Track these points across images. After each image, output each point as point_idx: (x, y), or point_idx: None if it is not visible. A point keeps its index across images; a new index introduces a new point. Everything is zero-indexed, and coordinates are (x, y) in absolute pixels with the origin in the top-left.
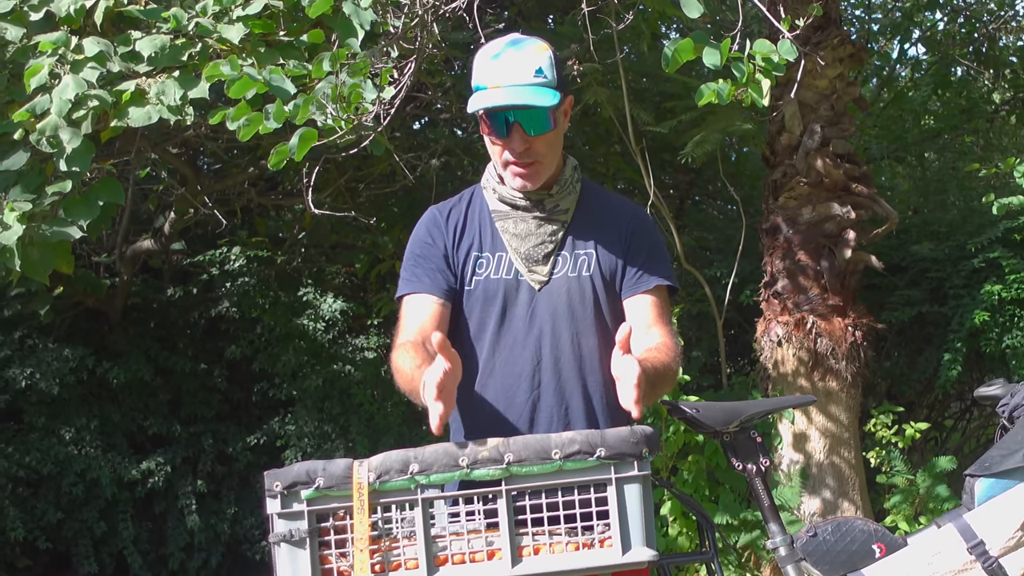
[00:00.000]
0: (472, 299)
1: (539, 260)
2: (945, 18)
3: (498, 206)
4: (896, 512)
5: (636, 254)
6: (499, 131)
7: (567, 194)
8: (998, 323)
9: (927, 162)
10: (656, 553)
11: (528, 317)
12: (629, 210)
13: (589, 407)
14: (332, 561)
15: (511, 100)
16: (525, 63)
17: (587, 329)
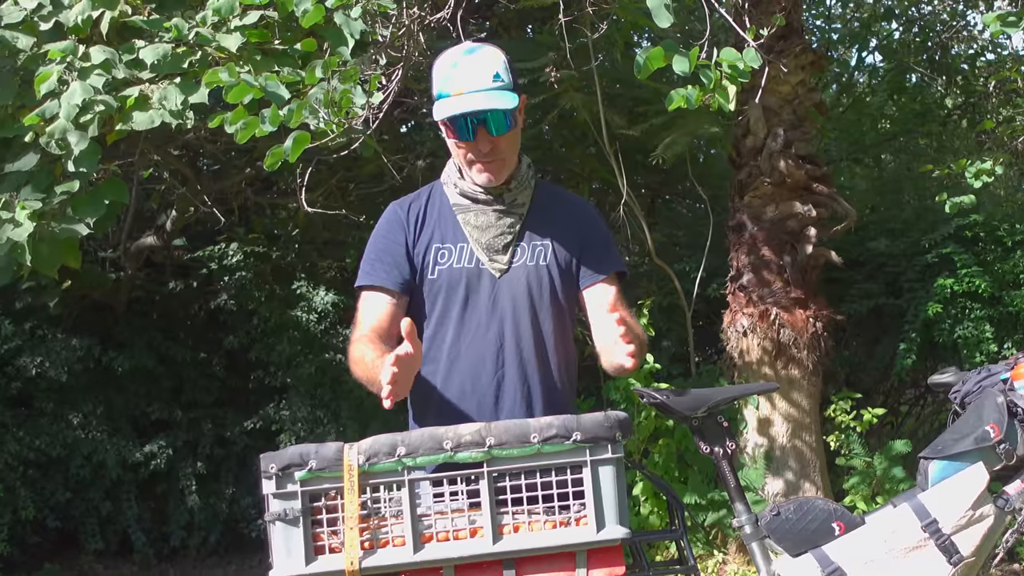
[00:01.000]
0: (435, 287)
1: (499, 250)
2: (900, 28)
3: (459, 200)
4: (854, 492)
5: (591, 246)
6: (464, 134)
7: (523, 189)
8: (950, 315)
9: (884, 163)
10: (628, 531)
11: (491, 303)
12: (581, 205)
13: (549, 384)
14: (324, 538)
15: (477, 106)
16: (483, 69)
17: (545, 314)
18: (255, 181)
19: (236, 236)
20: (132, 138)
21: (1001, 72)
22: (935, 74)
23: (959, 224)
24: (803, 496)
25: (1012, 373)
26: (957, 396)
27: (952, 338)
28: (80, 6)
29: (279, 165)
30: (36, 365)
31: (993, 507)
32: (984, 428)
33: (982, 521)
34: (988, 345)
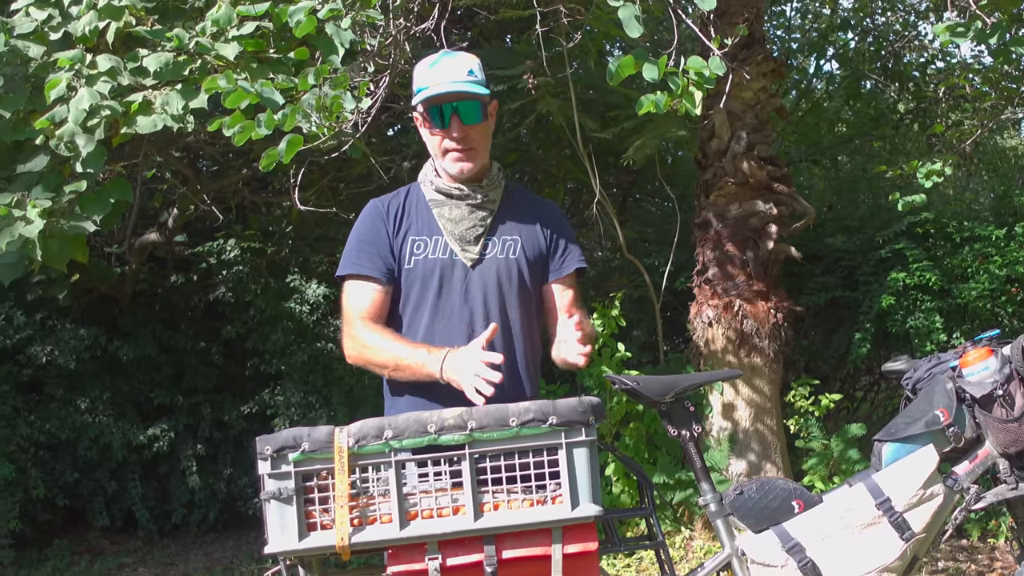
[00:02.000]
0: (412, 276)
1: (471, 241)
2: (856, 37)
3: (434, 196)
4: (813, 473)
5: (557, 243)
6: (439, 122)
7: (494, 187)
8: (903, 306)
9: (840, 164)
10: (601, 509)
11: (463, 291)
12: (549, 206)
13: (514, 369)
14: (316, 516)
15: (451, 89)
16: (459, 66)
17: (513, 303)
18: (251, 181)
19: (233, 232)
20: (136, 141)
21: (950, 79)
22: (888, 81)
23: (911, 221)
24: (765, 476)
25: (960, 361)
26: (909, 382)
27: (904, 328)
28: (87, 17)
29: (274, 166)
30: (46, 353)
31: (943, 486)
32: (934, 412)
33: (932, 499)
34: (938, 335)
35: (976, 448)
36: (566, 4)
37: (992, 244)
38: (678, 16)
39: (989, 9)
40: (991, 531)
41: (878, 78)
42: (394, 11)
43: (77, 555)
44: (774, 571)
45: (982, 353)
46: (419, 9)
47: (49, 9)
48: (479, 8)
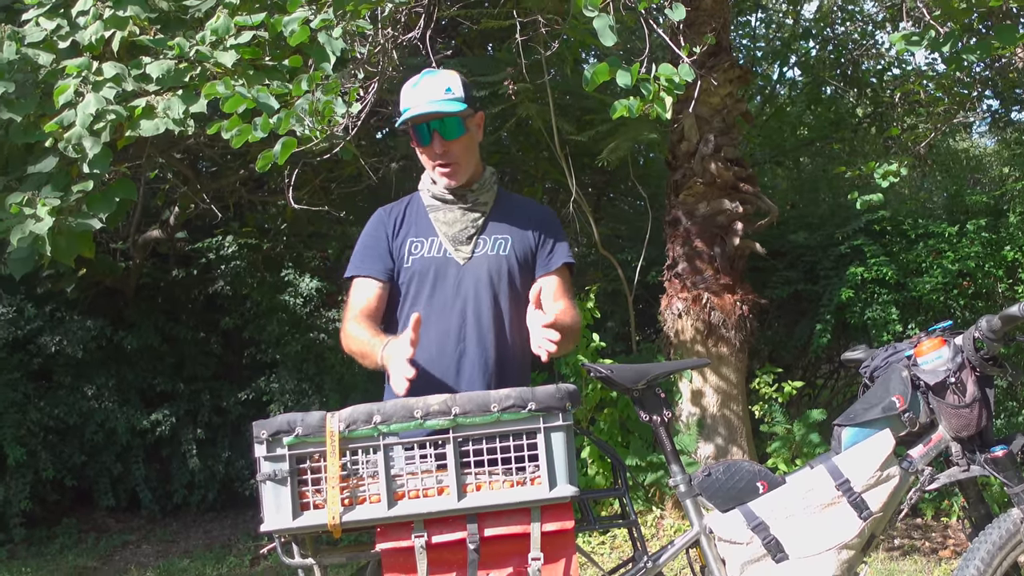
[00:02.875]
0: (410, 273)
1: (463, 241)
2: (817, 46)
3: (431, 201)
4: (776, 455)
5: (546, 241)
6: (422, 139)
7: (486, 191)
8: (861, 299)
9: (802, 165)
10: (577, 489)
11: (456, 286)
12: (539, 207)
13: (504, 358)
14: (309, 496)
15: (428, 110)
16: (437, 85)
17: (503, 297)
18: (248, 181)
19: (231, 229)
20: (140, 143)
21: (906, 85)
22: (847, 87)
23: (869, 219)
24: (731, 459)
25: (915, 351)
26: (867, 371)
27: (862, 320)
28: (94, 27)
29: (269, 167)
30: (55, 343)
31: (898, 468)
32: (890, 399)
33: (889, 481)
34: (894, 326)
35: (930, 432)
36: (544, 15)
37: (945, 240)
38: (650, 26)
39: (942, 19)
40: (944, 511)
41: (838, 84)
42: (382, 21)
43: (84, 533)
44: (740, 548)
45: (935, 343)
46: (406, 19)
47: (58, 19)
48: (462, 18)
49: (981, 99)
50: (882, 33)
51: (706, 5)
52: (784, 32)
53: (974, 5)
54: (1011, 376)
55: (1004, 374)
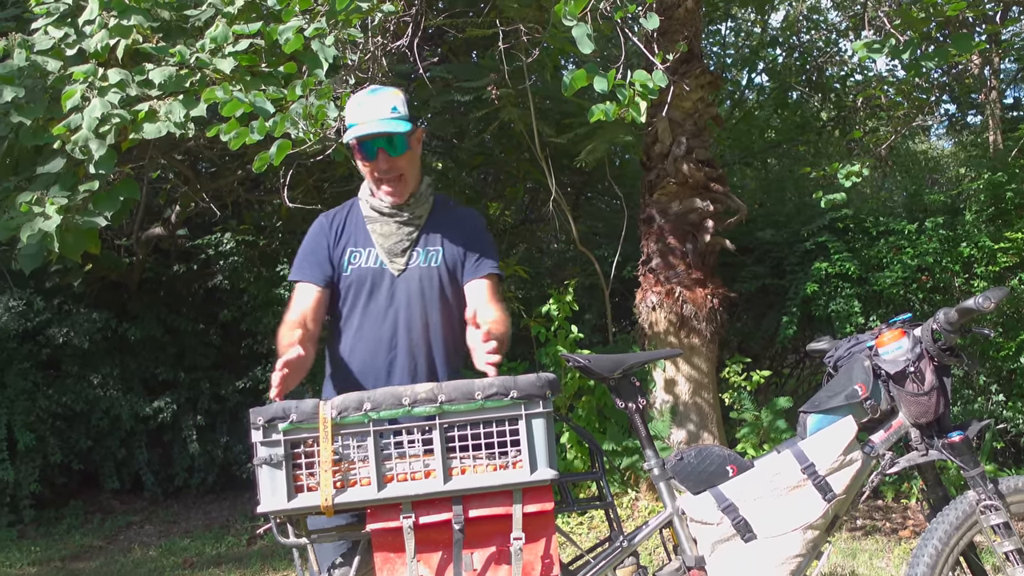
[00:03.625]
0: (348, 282)
1: (398, 253)
2: (783, 53)
3: (369, 213)
4: (745, 441)
5: (474, 250)
6: (369, 155)
7: (421, 204)
8: (825, 292)
9: (769, 166)
10: (557, 473)
11: (389, 296)
12: (470, 216)
13: (431, 365)
14: (303, 479)
15: (375, 129)
16: (383, 104)
17: (434, 306)
18: (245, 181)
19: (230, 227)
20: (143, 145)
21: (867, 90)
22: (812, 92)
23: (832, 217)
24: (702, 444)
25: (876, 341)
26: (831, 360)
27: (827, 312)
28: (100, 35)
29: (265, 167)
30: (63, 335)
31: (861, 453)
32: (853, 387)
33: (851, 465)
34: (857, 318)
35: (890, 419)
36: (526, 24)
37: (905, 237)
38: (625, 34)
39: (902, 28)
40: (904, 493)
41: (803, 89)
42: (372, 30)
43: (90, 514)
44: (711, 528)
45: (896, 334)
46: (395, 28)
47: (65, 28)
48: (448, 27)
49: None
50: (845, 41)
51: (678, 15)
52: (752, 40)
53: (932, 15)
54: (967, 366)
55: (960, 364)
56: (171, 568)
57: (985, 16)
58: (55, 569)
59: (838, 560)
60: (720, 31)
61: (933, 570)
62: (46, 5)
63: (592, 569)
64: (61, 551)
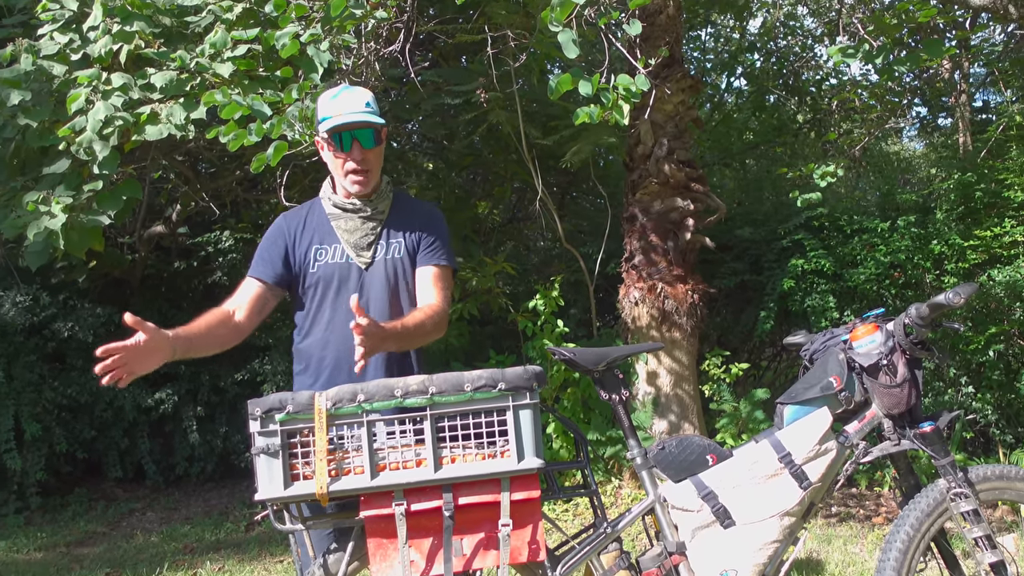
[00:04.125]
0: (315, 278)
1: (364, 247)
2: (761, 58)
3: (332, 210)
4: (724, 431)
5: (428, 240)
6: (342, 146)
7: (383, 199)
8: (801, 288)
9: (748, 167)
10: (543, 462)
11: (358, 290)
12: (428, 210)
13: (405, 353)
14: (299, 468)
15: (353, 119)
16: (358, 99)
17: (403, 296)
18: (244, 181)
19: (228, 225)
20: (145, 146)
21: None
22: (789, 95)
23: (808, 216)
24: (683, 434)
25: (851, 336)
26: (807, 353)
27: (803, 307)
28: (103, 41)
29: (263, 168)
30: (68, 329)
31: (835, 443)
32: (828, 379)
33: (827, 454)
34: (831, 313)
35: (864, 410)
36: (513, 30)
37: (878, 235)
38: (609, 40)
39: (875, 34)
40: (877, 481)
41: (780, 93)
42: (366, 36)
43: (94, 501)
44: (691, 515)
45: (869, 328)
46: (387, 34)
47: (70, 34)
48: (439, 33)
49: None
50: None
51: (660, 21)
52: (731, 45)
53: (904, 21)
54: (938, 359)
55: (931, 357)
56: (172, 553)
57: (955, 22)
58: (60, 554)
59: (814, 546)
60: (700, 37)
61: (905, 555)
62: (52, 12)
63: (577, 554)
64: (66, 537)
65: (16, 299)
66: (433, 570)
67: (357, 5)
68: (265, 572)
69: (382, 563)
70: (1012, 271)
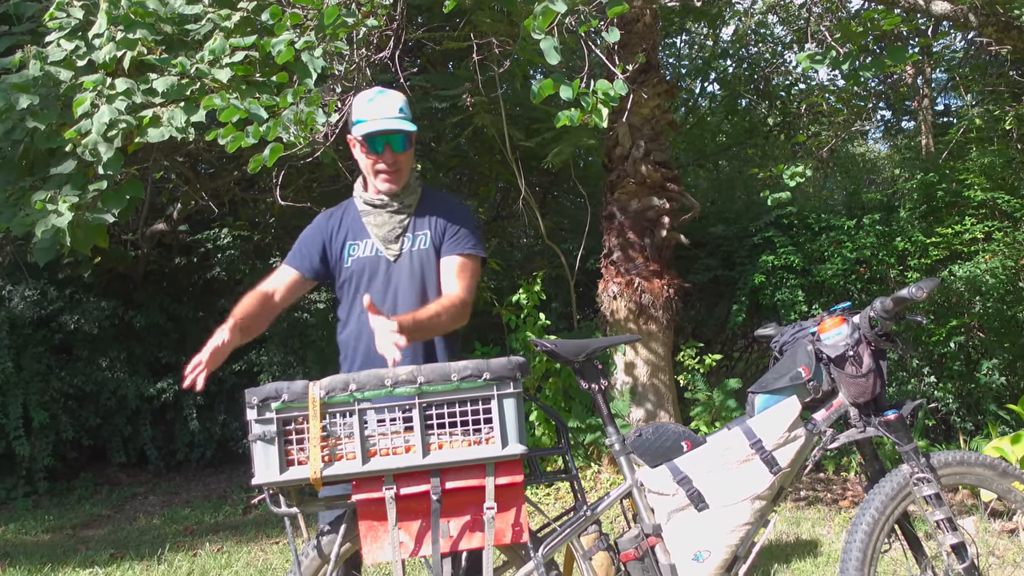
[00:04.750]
0: (349, 272)
1: (392, 240)
2: (733, 64)
3: (363, 207)
4: (698, 418)
5: (452, 229)
6: (374, 149)
7: (411, 194)
8: (771, 283)
9: (720, 167)
10: (526, 448)
11: (386, 280)
12: (454, 204)
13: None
14: (294, 454)
15: (389, 126)
16: (391, 104)
17: (429, 285)
18: (241, 181)
19: (227, 223)
20: (147, 148)
21: (810, 98)
22: (760, 99)
23: (778, 214)
24: (659, 421)
25: (819, 328)
26: (777, 345)
27: (773, 301)
28: (108, 48)
29: (259, 168)
30: (74, 321)
31: (804, 430)
32: (797, 369)
33: (796, 440)
34: (800, 306)
35: (831, 399)
36: (497, 37)
37: (844, 232)
38: (589, 47)
39: (842, 41)
40: (843, 466)
41: (752, 97)
42: (357, 43)
43: (99, 486)
44: (667, 499)
45: (836, 321)
46: (377, 41)
47: (76, 41)
48: (427, 40)
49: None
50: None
51: (637, 29)
52: (705, 52)
53: (869, 29)
54: (901, 350)
55: (895, 348)
56: (173, 535)
57: (918, 30)
58: (67, 536)
59: (783, 528)
60: (675, 44)
61: (870, 537)
62: (59, 20)
63: (558, 536)
64: (72, 519)
65: (25, 293)
66: (421, 551)
67: (349, 14)
68: (262, 553)
69: (373, 544)
70: (972, 267)
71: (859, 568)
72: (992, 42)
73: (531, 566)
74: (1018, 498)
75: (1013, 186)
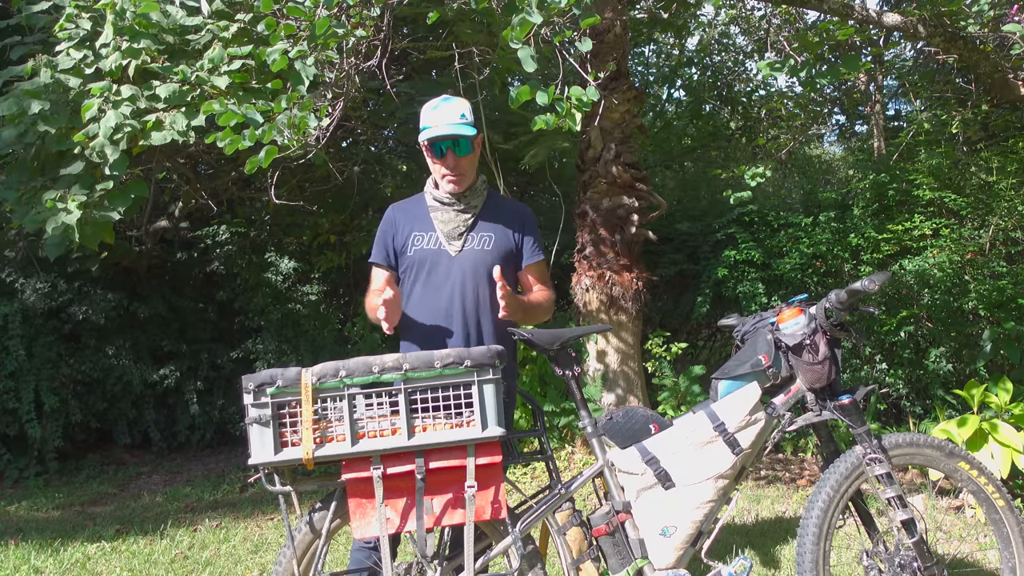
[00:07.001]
0: (412, 261)
1: (455, 237)
2: (698, 72)
3: (432, 203)
4: (665, 403)
5: (524, 240)
6: (438, 154)
7: (477, 196)
8: (733, 276)
9: (686, 168)
10: (504, 430)
11: (447, 273)
12: (521, 210)
13: (479, 331)
14: (288, 436)
15: (447, 132)
16: (454, 111)
17: (483, 283)
18: (238, 181)
19: (225, 220)
20: (151, 150)
21: (770, 103)
22: (723, 105)
23: (740, 212)
24: (629, 406)
25: (778, 318)
26: (738, 334)
27: (735, 293)
28: (114, 57)
29: (255, 169)
30: (82, 312)
31: (764, 413)
32: (758, 357)
33: (756, 423)
34: (760, 298)
35: (789, 384)
36: (478, 46)
37: (802, 229)
38: (563, 56)
39: (799, 51)
40: (801, 448)
41: (715, 103)
42: (347, 52)
43: (105, 466)
44: (636, 478)
45: (794, 312)
46: (366, 50)
47: (84, 50)
48: (412, 49)
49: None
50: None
51: (608, 39)
52: (671, 61)
53: (825, 39)
54: (855, 339)
55: (849, 337)
56: (175, 512)
57: (870, 40)
58: (76, 512)
59: (745, 505)
60: (644, 53)
61: (826, 514)
62: (68, 31)
63: (534, 513)
64: (81, 497)
65: (36, 286)
66: (407, 526)
67: (339, 25)
68: (257, 528)
69: (361, 520)
70: (921, 261)
71: (815, 543)
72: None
73: (509, 541)
74: (964, 477)
75: (959, 186)
